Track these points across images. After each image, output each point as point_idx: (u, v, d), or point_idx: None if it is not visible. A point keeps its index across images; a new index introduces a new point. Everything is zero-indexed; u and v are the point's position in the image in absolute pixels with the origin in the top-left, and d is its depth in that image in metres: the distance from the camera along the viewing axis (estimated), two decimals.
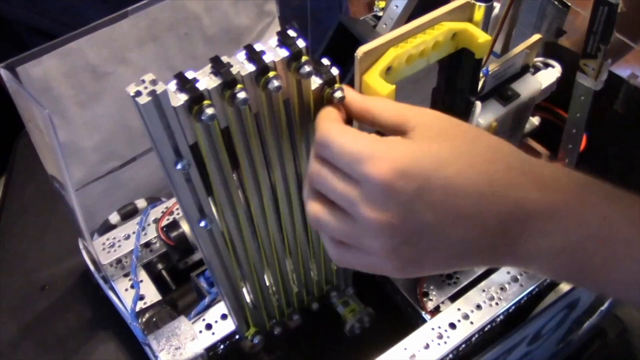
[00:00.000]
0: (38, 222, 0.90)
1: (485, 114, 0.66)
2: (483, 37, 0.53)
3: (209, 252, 0.54)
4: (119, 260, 0.78)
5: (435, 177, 0.38)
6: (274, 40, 0.45)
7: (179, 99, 0.41)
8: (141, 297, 0.77)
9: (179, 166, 0.44)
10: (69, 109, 0.71)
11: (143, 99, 0.39)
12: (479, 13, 0.54)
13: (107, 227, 0.81)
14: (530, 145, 0.80)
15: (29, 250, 0.87)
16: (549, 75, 0.69)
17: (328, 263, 0.69)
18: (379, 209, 0.38)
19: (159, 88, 0.40)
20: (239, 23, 0.80)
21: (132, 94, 0.39)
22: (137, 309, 0.76)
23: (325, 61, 0.49)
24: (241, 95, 0.43)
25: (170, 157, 0.44)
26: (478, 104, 0.62)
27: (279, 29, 0.90)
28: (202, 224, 0.50)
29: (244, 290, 0.64)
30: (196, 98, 0.41)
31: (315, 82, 0.48)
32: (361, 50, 0.50)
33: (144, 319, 0.75)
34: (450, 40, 0.54)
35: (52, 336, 0.81)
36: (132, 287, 0.75)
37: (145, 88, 0.40)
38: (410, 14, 0.65)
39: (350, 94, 0.45)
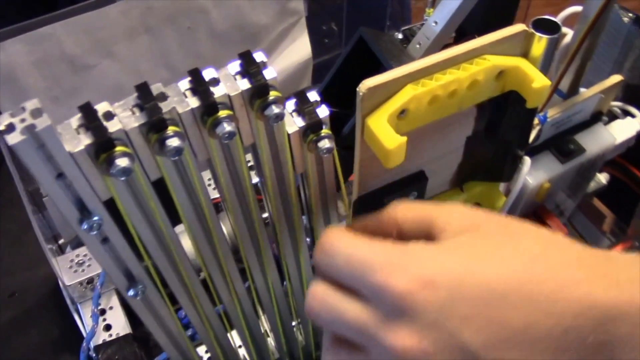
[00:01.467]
0: (16, 224, 0.80)
1: (536, 172, 0.51)
2: (540, 81, 0.38)
3: (147, 320, 0.42)
4: (90, 280, 0.67)
5: (469, 283, 0.29)
6: (234, 65, 0.32)
7: (80, 141, 0.29)
8: (107, 327, 0.66)
9: (84, 226, 0.32)
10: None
11: (14, 137, 0.27)
12: (538, 47, 0.39)
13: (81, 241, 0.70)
14: (592, 205, 0.64)
15: (2, 253, 0.78)
16: (627, 126, 0.54)
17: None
18: (401, 332, 0.29)
19: (41, 122, 0.27)
20: (255, 20, 0.67)
21: (1, 127, 0.27)
22: (101, 342, 0.65)
23: (313, 95, 0.36)
24: (173, 143, 0.30)
25: (73, 214, 0.32)
26: (527, 160, 0.48)
27: (305, 31, 0.77)
28: (131, 292, 0.38)
29: (205, 356, 0.51)
30: (103, 143, 0.29)
31: (294, 125, 0.35)
32: (365, 85, 0.36)
33: (104, 356, 0.64)
34: (495, 81, 0.40)
35: (10, 352, 0.71)
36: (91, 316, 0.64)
37: (22, 121, 0.27)
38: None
39: None
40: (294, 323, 0.55)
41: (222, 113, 0.31)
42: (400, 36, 0.70)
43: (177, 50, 0.65)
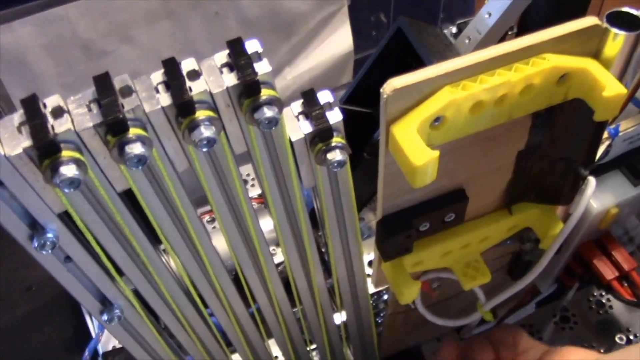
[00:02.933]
0: None
1: (602, 195, 0.43)
2: (613, 89, 0.30)
3: (130, 346, 0.36)
4: None
5: None
6: (221, 55, 0.26)
7: (19, 142, 0.23)
8: None
9: (35, 244, 0.26)
10: (50, 90, 0.55)
11: None
12: (612, 46, 0.31)
13: None
14: None
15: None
16: None
17: (337, 347, 0.50)
18: None
19: None
20: (291, 7, 0.61)
21: None
22: (110, 348, 0.60)
23: (324, 96, 0.29)
24: (134, 149, 0.24)
25: (20, 230, 0.26)
26: (592, 180, 0.39)
27: (347, 21, 0.70)
28: (105, 317, 0.32)
29: None
30: (45, 146, 0.23)
31: (299, 130, 0.28)
32: (391, 86, 0.29)
33: None
34: (555, 86, 0.32)
35: (22, 349, 0.68)
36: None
37: None
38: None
39: None
40: (308, 348, 0.49)
41: (200, 114, 0.24)
42: (454, 30, 0.62)
43: (202, 37, 0.59)
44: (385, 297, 0.49)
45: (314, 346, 0.51)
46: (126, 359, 0.59)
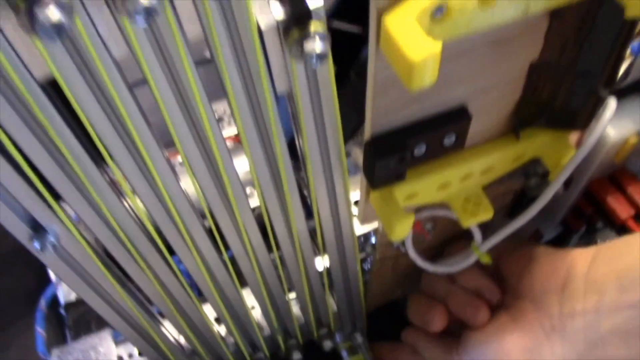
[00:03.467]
0: None
1: (620, 121, 0.37)
2: None
3: (73, 282, 0.31)
4: None
5: None
6: None
7: None
8: None
9: None
10: None
11: None
12: None
13: None
14: None
15: None
16: None
17: (319, 296, 0.45)
18: None
19: None
20: None
21: None
22: (74, 299, 0.55)
23: None
24: (48, 15, 0.18)
25: None
26: (612, 102, 0.34)
27: None
28: (36, 244, 0.27)
29: (164, 328, 0.41)
30: None
31: (269, 14, 0.23)
32: None
33: (74, 316, 0.54)
34: None
35: None
36: None
37: None
38: None
39: None
40: (287, 297, 0.44)
41: None
42: None
43: None
44: (373, 240, 0.44)
45: (293, 295, 0.46)
46: (91, 310, 0.54)
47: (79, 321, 0.54)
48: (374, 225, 0.42)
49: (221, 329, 0.45)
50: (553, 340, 0.38)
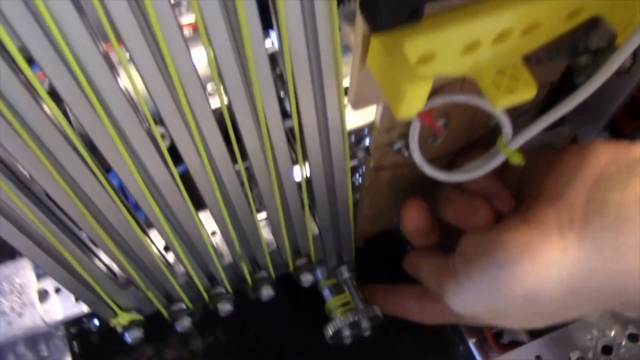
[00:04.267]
0: None
1: None
2: None
3: None
4: None
5: None
6: None
7: None
8: None
9: None
10: None
11: None
12: None
13: None
14: None
15: None
16: None
17: (297, 216, 0.35)
18: None
19: None
20: None
21: None
22: None
23: None
24: None
25: None
26: None
27: None
28: None
29: (91, 257, 0.30)
30: None
31: None
32: None
33: None
34: None
35: None
36: None
37: None
38: None
39: None
40: (256, 219, 0.34)
41: None
42: None
43: None
44: (367, 142, 0.34)
45: (263, 216, 0.36)
46: None
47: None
48: (369, 116, 0.31)
49: (169, 256, 0.35)
50: (568, 238, 0.29)
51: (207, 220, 0.35)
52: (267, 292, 0.38)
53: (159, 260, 0.32)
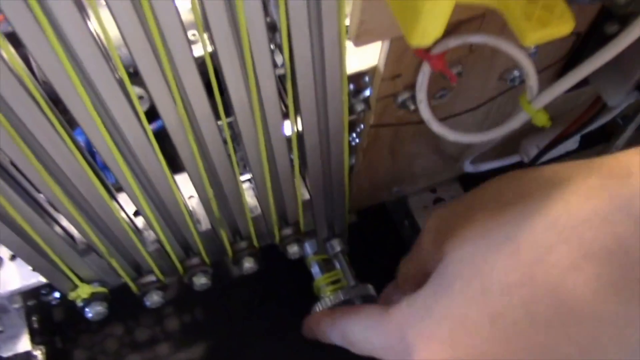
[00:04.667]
0: None
1: None
2: None
3: None
4: None
5: None
6: None
7: None
8: None
9: None
10: None
11: None
12: None
13: None
14: None
15: None
16: None
17: (285, 178, 0.30)
18: None
19: None
20: None
21: None
22: None
23: None
24: None
25: None
26: None
27: None
28: None
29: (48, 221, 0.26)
30: None
31: None
32: None
33: None
34: None
35: None
36: None
37: None
38: None
39: None
40: (239, 179, 0.29)
41: None
42: None
43: None
44: (367, 92, 0.29)
45: (246, 177, 0.32)
46: None
47: None
48: (371, 59, 0.27)
49: (138, 221, 0.30)
50: None
51: (183, 183, 0.31)
52: (249, 264, 0.34)
53: (125, 223, 0.28)
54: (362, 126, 0.32)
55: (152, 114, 0.26)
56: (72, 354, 0.43)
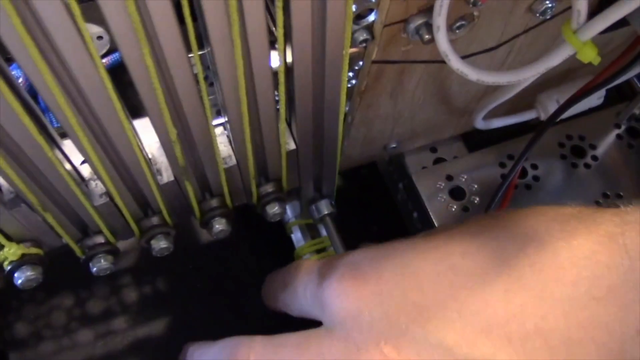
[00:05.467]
0: None
1: None
2: None
3: None
4: None
5: None
6: None
7: None
8: None
9: None
10: None
11: None
12: None
13: None
14: None
15: None
16: None
17: (267, 121, 0.25)
18: None
19: None
20: None
21: None
22: None
23: None
24: None
25: None
26: None
27: None
28: None
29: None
30: None
31: None
32: None
33: None
34: None
35: None
36: None
37: None
38: None
39: None
40: (210, 124, 0.23)
41: None
42: None
43: None
44: (372, 17, 0.24)
45: (220, 120, 0.26)
46: None
47: None
48: None
49: (84, 169, 0.25)
50: None
51: (144, 129, 0.25)
52: (220, 227, 0.28)
53: (62, 168, 0.22)
54: (361, 63, 0.26)
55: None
56: (13, 328, 0.38)
